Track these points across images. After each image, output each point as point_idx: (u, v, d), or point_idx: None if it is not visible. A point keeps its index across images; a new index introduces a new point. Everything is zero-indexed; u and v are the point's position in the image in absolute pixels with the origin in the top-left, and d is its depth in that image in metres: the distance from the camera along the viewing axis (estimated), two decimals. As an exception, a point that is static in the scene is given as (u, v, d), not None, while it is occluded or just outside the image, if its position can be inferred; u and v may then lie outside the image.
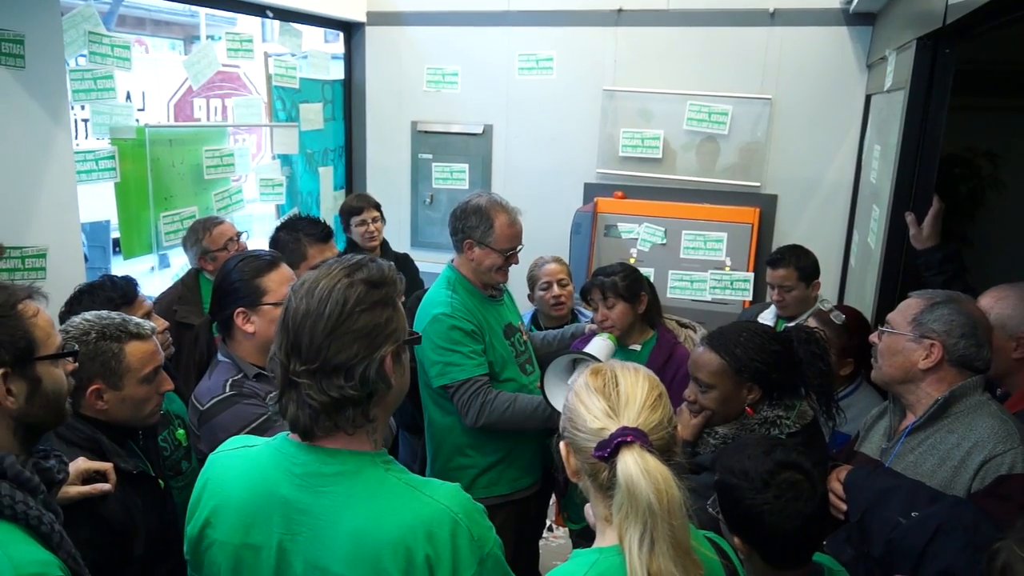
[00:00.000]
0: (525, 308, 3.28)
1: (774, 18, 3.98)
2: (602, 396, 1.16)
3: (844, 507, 1.71)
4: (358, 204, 3.68)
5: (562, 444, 1.22)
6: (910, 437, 1.78)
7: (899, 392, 1.83)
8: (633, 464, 1.07)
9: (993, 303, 1.94)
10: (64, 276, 2.73)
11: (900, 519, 1.56)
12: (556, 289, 3.17)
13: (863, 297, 3.18)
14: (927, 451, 1.73)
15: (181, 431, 2.15)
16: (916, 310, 1.79)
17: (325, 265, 1.28)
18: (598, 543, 1.19)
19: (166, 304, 2.88)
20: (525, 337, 2.71)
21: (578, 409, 1.17)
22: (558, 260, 3.27)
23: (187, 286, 3.02)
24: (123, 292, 2.20)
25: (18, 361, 1.31)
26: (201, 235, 3.07)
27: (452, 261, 2.58)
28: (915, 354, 1.76)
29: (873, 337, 1.88)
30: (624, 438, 1.09)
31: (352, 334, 1.20)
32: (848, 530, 1.68)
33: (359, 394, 1.21)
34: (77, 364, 1.49)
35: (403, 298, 1.46)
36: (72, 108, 3.07)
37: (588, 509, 1.28)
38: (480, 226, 2.45)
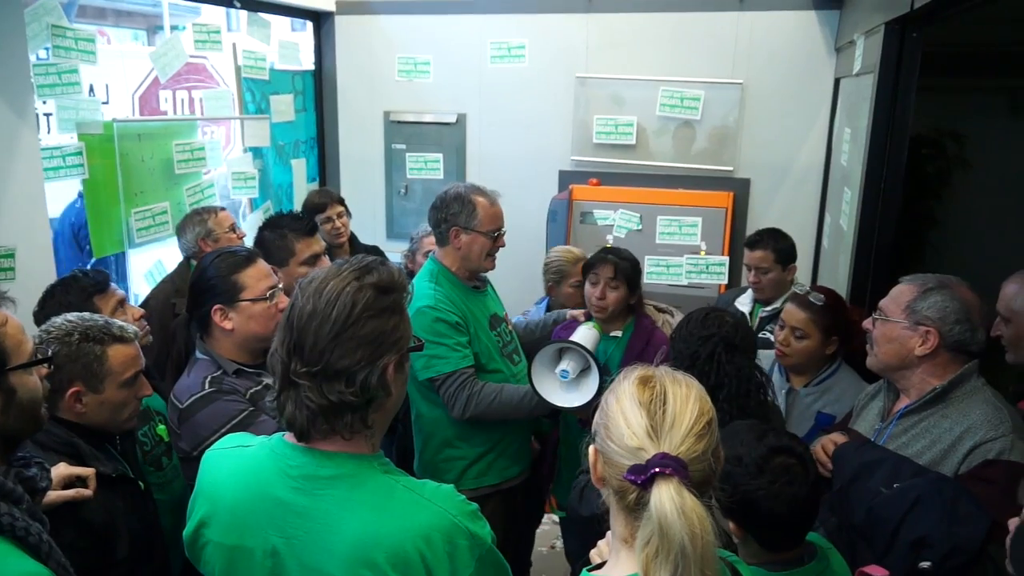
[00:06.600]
0: (535, 295, 3.22)
1: (743, 3, 4.00)
2: (646, 412, 1.04)
3: (830, 467, 1.75)
4: (321, 200, 3.58)
5: (591, 448, 1.11)
6: (903, 419, 1.80)
7: (894, 378, 1.85)
8: (669, 501, 0.96)
9: (1018, 288, 1.94)
10: (34, 276, 2.67)
11: (882, 489, 1.59)
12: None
13: (836, 278, 3.23)
14: (919, 433, 1.75)
15: (162, 427, 2.14)
16: (909, 297, 1.79)
17: (335, 265, 1.26)
18: (611, 568, 1.11)
19: (163, 299, 2.85)
20: (510, 327, 2.70)
21: (617, 420, 1.06)
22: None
23: (181, 278, 2.98)
24: (95, 281, 2.19)
25: None
26: (206, 216, 3.05)
27: (433, 254, 2.57)
28: (911, 341, 1.77)
29: (867, 323, 1.89)
30: (663, 469, 0.98)
31: (357, 340, 1.18)
32: (831, 499, 1.72)
33: (358, 400, 1.20)
34: (52, 368, 1.47)
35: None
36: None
37: (595, 552, 1.27)
38: (463, 211, 2.44)
